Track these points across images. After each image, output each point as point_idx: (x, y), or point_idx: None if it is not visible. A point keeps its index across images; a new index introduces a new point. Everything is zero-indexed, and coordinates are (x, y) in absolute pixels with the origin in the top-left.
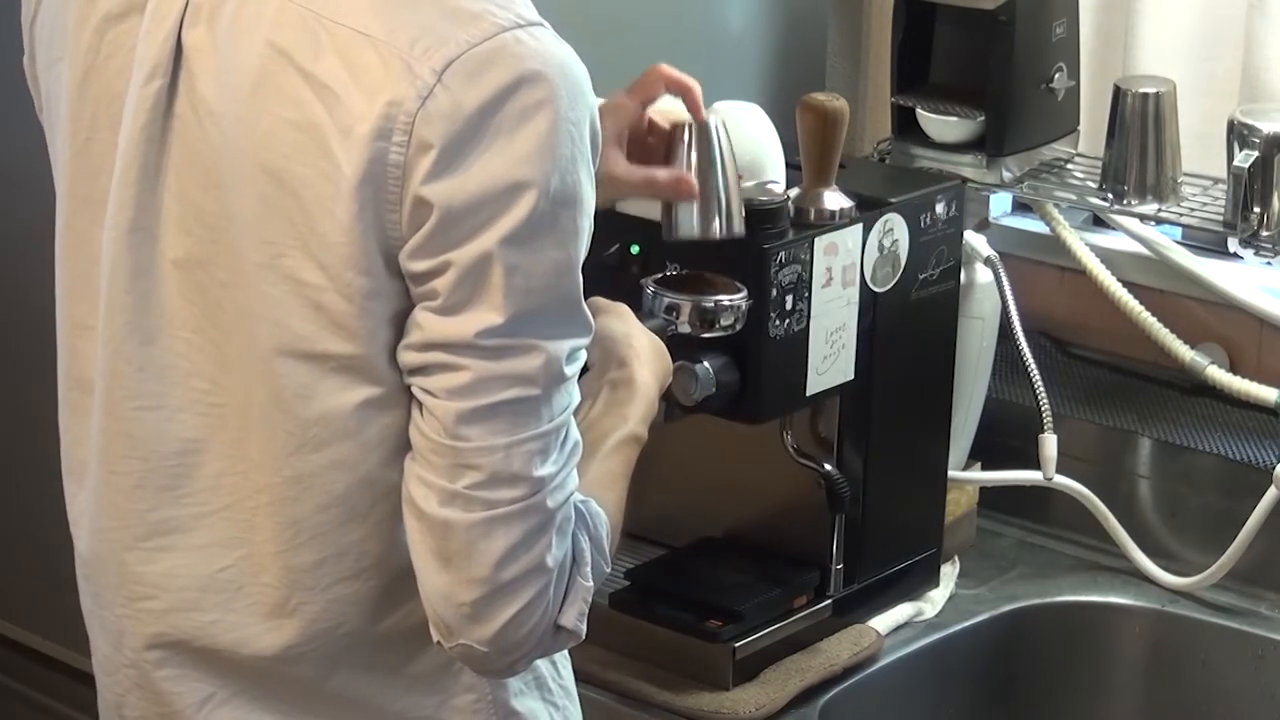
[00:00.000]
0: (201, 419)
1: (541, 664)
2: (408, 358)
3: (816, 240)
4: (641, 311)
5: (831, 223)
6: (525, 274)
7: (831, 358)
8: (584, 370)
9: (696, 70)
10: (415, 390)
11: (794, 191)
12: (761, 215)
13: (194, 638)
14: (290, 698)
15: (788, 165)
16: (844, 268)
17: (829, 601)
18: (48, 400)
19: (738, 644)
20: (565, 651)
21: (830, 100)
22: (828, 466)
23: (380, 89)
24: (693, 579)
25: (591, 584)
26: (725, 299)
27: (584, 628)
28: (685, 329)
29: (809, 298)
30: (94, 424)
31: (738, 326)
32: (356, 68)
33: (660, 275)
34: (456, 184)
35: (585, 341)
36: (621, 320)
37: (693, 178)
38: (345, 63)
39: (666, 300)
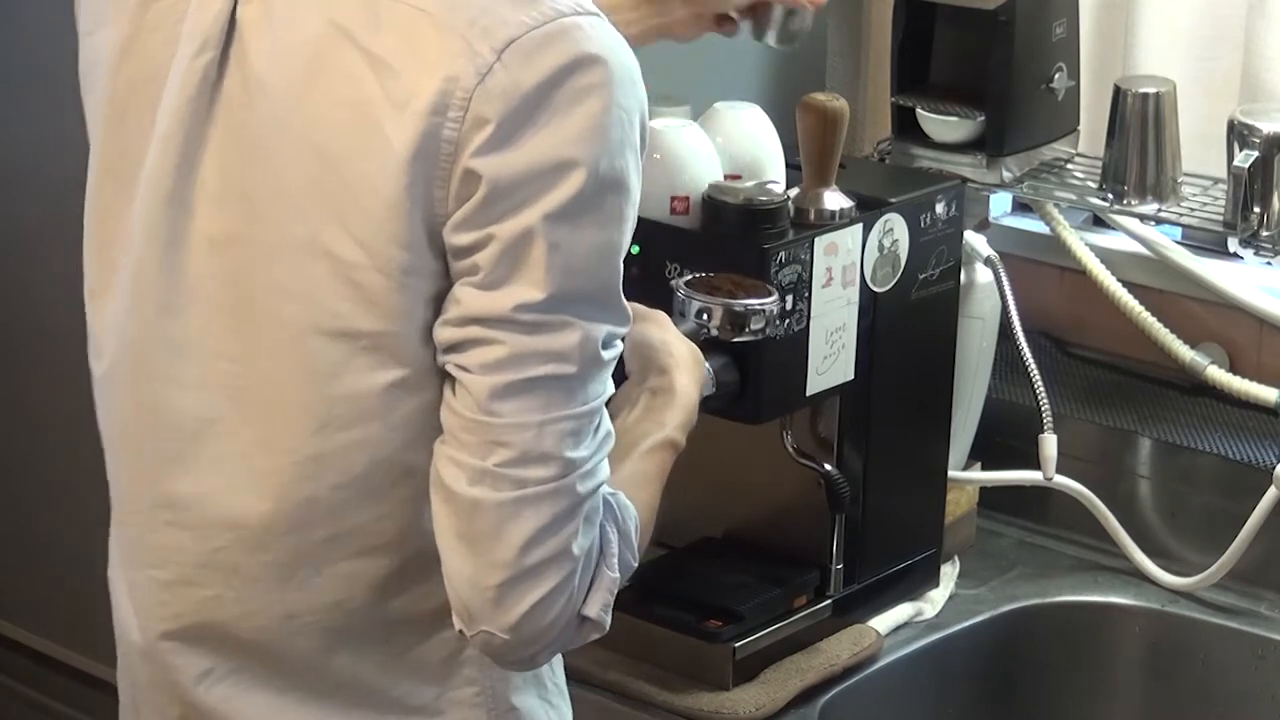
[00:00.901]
0: (218, 396)
1: None
2: (445, 334)
3: (816, 240)
4: (672, 315)
5: (831, 223)
6: (566, 252)
7: (831, 358)
8: (623, 377)
9: (697, 70)
10: (450, 368)
11: (794, 191)
12: (761, 215)
13: (194, 611)
14: (290, 674)
15: (788, 165)
16: (844, 268)
17: (829, 601)
18: (48, 400)
19: (738, 644)
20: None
21: (830, 100)
22: (828, 466)
23: (438, 65)
24: (693, 579)
25: (618, 575)
26: (756, 302)
27: (608, 619)
28: (716, 333)
29: (809, 298)
30: (109, 391)
31: (768, 330)
32: (415, 44)
33: (690, 278)
34: (507, 158)
35: (622, 331)
36: (660, 328)
37: None
38: (403, 39)
39: (698, 304)
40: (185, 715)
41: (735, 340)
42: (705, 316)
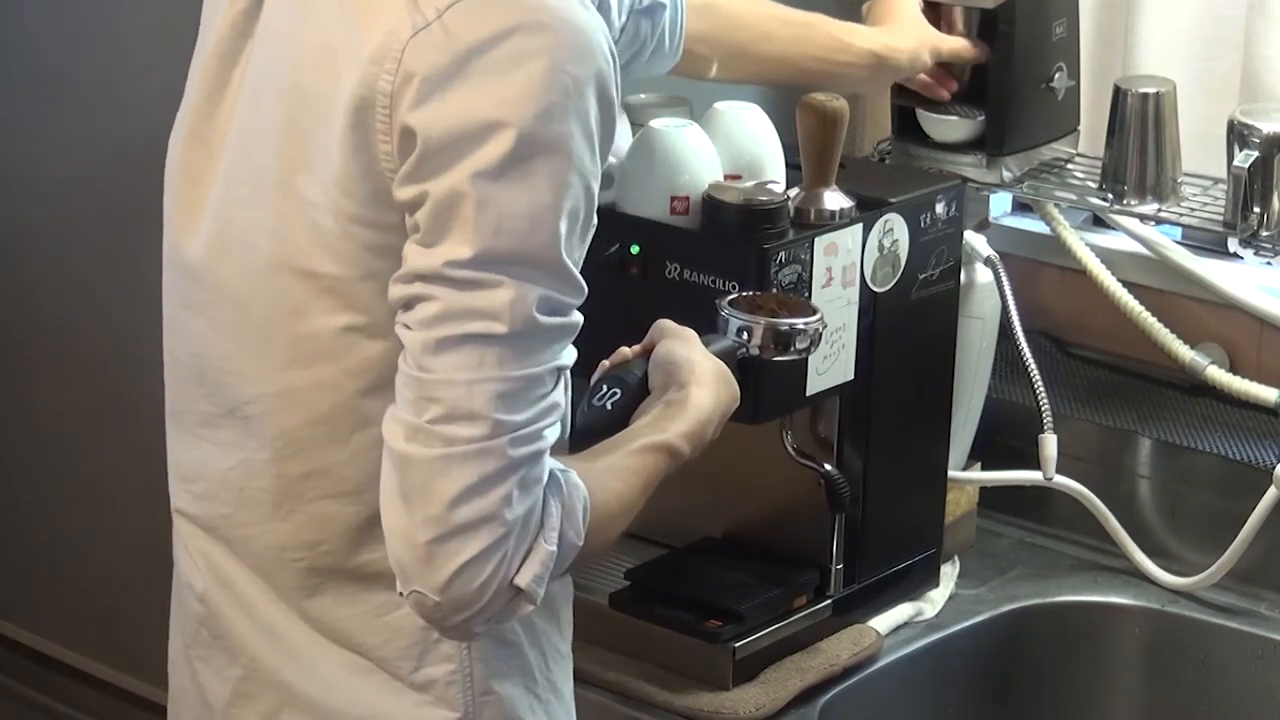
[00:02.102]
0: (218, 324)
1: (529, 652)
2: (395, 291)
3: (816, 240)
4: (715, 332)
5: (831, 223)
6: (496, 211)
7: (831, 358)
8: (645, 393)
9: None
10: (397, 327)
11: (794, 191)
12: (761, 215)
13: (215, 526)
14: (291, 599)
15: (788, 165)
16: (844, 268)
17: (829, 601)
18: (48, 400)
19: (738, 644)
20: (559, 648)
21: (830, 100)
22: (828, 466)
23: (383, 20)
24: (693, 579)
25: (554, 549)
26: (800, 322)
27: (541, 592)
28: (756, 351)
29: (809, 298)
30: (165, 309)
31: (813, 350)
32: None
33: (734, 296)
34: (436, 114)
35: (569, 300)
36: (686, 345)
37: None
38: None
39: (738, 322)
40: (203, 614)
41: (778, 359)
42: (745, 335)
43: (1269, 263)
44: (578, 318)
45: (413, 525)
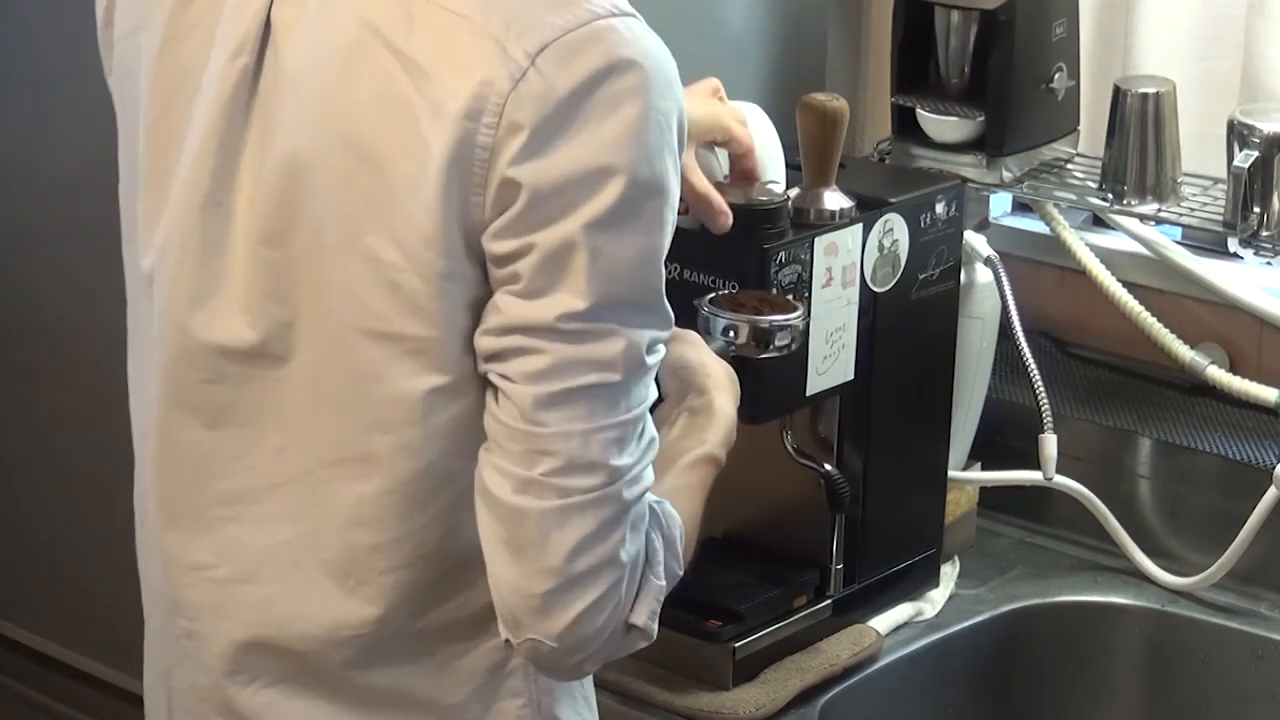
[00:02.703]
0: (265, 392)
1: None
2: (486, 343)
3: (816, 240)
4: (697, 332)
5: (831, 223)
6: (609, 259)
7: (831, 358)
8: (659, 399)
9: (697, 70)
10: (492, 377)
11: (794, 191)
12: (761, 215)
13: (245, 612)
14: (335, 685)
15: (788, 165)
16: (844, 268)
17: (829, 601)
18: (48, 400)
19: (738, 644)
20: None
21: (830, 100)
22: (828, 466)
23: (472, 69)
24: (693, 579)
25: (664, 583)
26: (781, 318)
27: (655, 627)
28: (743, 351)
29: (809, 298)
30: (153, 397)
31: (794, 346)
32: (449, 47)
33: (714, 295)
34: (545, 166)
35: (666, 335)
36: (696, 349)
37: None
38: (437, 41)
39: (724, 321)
40: None
41: (762, 357)
42: (732, 334)
43: (1269, 263)
44: (664, 349)
45: (527, 576)
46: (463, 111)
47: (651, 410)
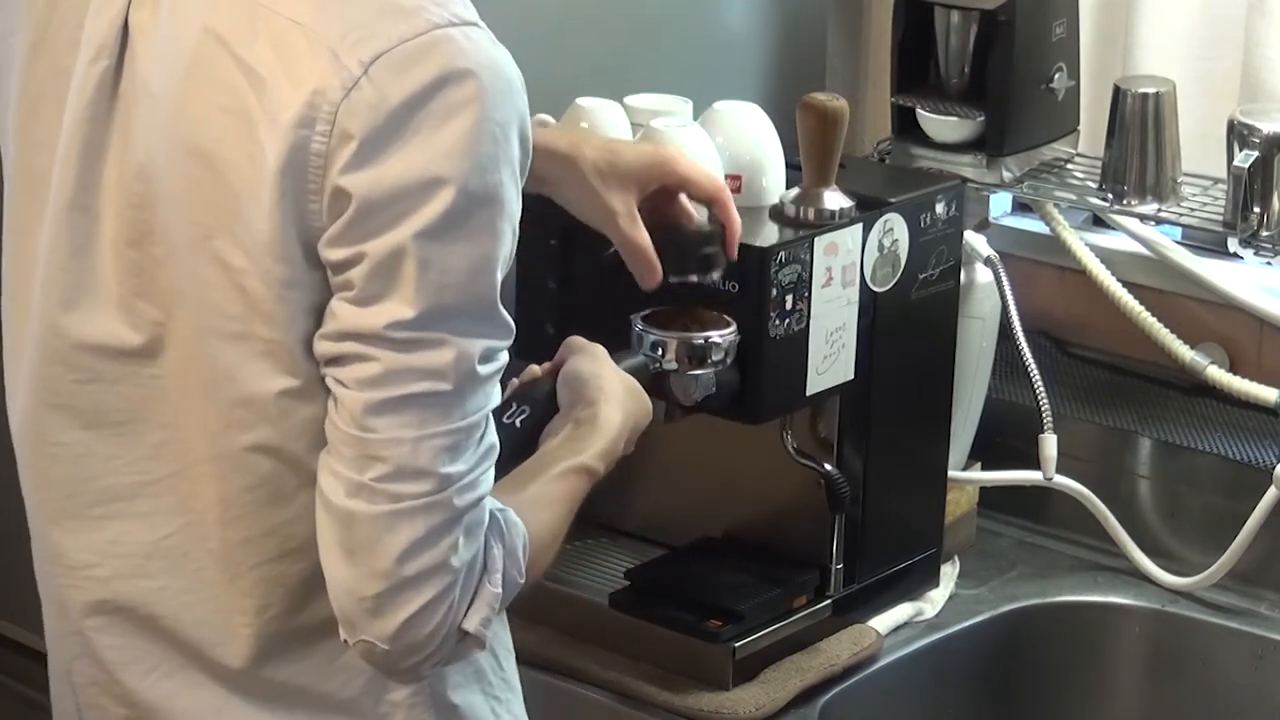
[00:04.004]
0: (140, 390)
1: (481, 656)
2: (323, 347)
3: (816, 240)
4: (629, 349)
5: (831, 223)
6: (439, 269)
7: (831, 358)
8: (554, 410)
9: (697, 70)
10: (329, 381)
11: (794, 191)
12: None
13: (139, 605)
14: (235, 679)
15: (788, 165)
16: (844, 268)
17: (829, 601)
18: None
19: (738, 644)
20: (505, 643)
21: (830, 100)
22: (828, 466)
23: (306, 78)
24: (693, 579)
25: (500, 591)
26: (715, 334)
27: (488, 635)
28: (672, 366)
29: (809, 297)
30: (23, 398)
31: (728, 361)
32: (286, 55)
33: (648, 312)
34: (374, 175)
35: (503, 344)
36: (594, 361)
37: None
38: (276, 50)
39: (652, 338)
40: (130, 715)
41: (694, 373)
42: (660, 351)
43: (1269, 263)
44: (506, 358)
45: (359, 579)
46: (296, 120)
47: (543, 422)
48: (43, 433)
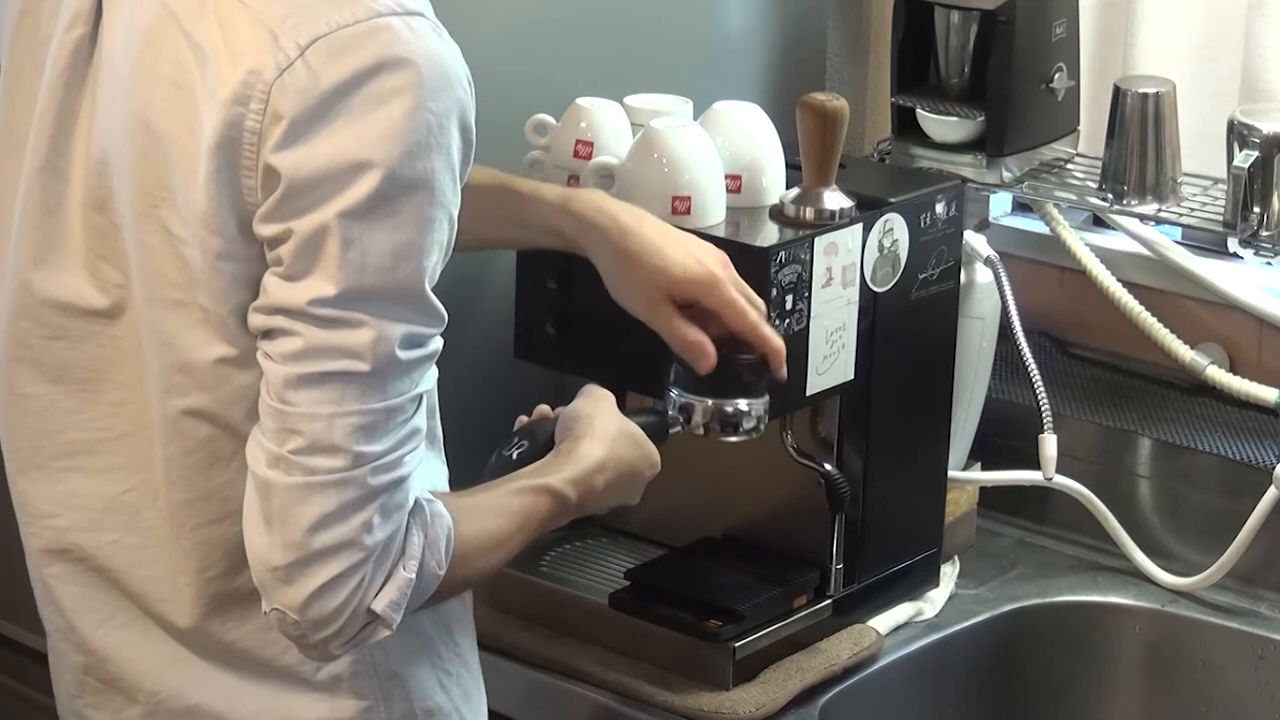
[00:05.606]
0: (103, 350)
1: (430, 628)
2: (255, 320)
3: (816, 240)
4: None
5: (831, 223)
6: (361, 250)
7: (831, 358)
8: (550, 446)
9: (696, 70)
10: (259, 354)
11: (794, 191)
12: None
13: (94, 556)
14: (187, 636)
15: (788, 165)
16: (844, 268)
17: (829, 601)
18: None
19: (738, 644)
20: (466, 617)
21: (830, 100)
22: (828, 466)
23: (245, 56)
24: (693, 579)
25: (413, 577)
26: (744, 404)
27: (397, 619)
28: (699, 431)
29: (809, 298)
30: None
31: (760, 429)
32: (230, 33)
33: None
34: (303, 156)
35: (431, 331)
36: (594, 403)
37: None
38: (222, 27)
39: (681, 400)
40: (87, 663)
41: (726, 440)
42: (687, 414)
43: (1269, 263)
44: (437, 344)
45: (272, 548)
46: (232, 97)
47: (538, 458)
48: (13, 384)
